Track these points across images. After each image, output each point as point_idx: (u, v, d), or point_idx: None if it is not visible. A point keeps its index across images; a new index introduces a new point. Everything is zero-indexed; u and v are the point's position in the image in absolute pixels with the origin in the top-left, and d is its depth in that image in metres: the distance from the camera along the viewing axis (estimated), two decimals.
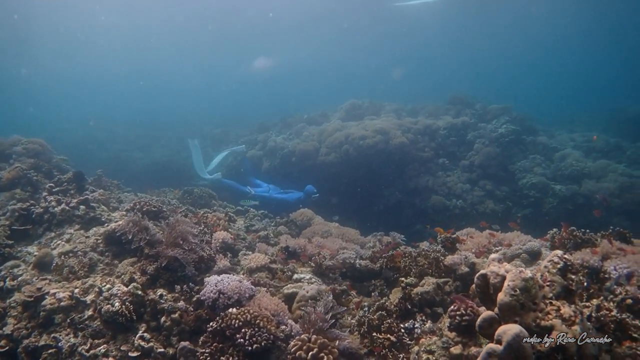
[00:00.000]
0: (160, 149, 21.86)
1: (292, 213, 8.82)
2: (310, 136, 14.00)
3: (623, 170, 11.95)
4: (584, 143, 14.45)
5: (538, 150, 12.96)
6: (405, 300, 4.34)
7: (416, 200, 11.92)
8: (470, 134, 13.29)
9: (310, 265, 5.81)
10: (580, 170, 11.72)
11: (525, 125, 13.79)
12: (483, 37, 41.40)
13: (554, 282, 2.69)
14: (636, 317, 3.36)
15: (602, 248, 4.33)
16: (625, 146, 14.26)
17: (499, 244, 4.95)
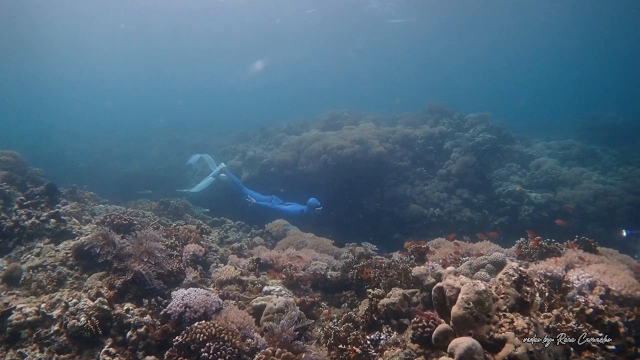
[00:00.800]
0: (140, 159, 21.71)
1: (268, 224, 8.81)
2: (290, 146, 13.99)
3: (597, 178, 12.13)
4: (560, 151, 14.64)
5: (514, 158, 13.10)
6: (371, 312, 4.34)
7: (394, 209, 11.96)
8: (447, 142, 13.39)
9: (281, 277, 5.80)
10: (555, 178, 11.86)
11: (502, 133, 13.92)
12: (463, 48, 41.82)
13: (508, 294, 2.71)
14: (596, 327, 3.41)
15: (567, 257, 4.38)
16: (599, 153, 14.49)
17: (467, 254, 4.99)
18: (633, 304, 3.84)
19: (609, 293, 3.86)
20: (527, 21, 32.42)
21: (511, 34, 36.14)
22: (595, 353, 3.17)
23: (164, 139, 23.17)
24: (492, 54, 43.74)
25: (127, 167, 20.96)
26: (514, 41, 38.86)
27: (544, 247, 4.62)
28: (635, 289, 3.84)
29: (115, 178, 20.20)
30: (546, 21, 31.97)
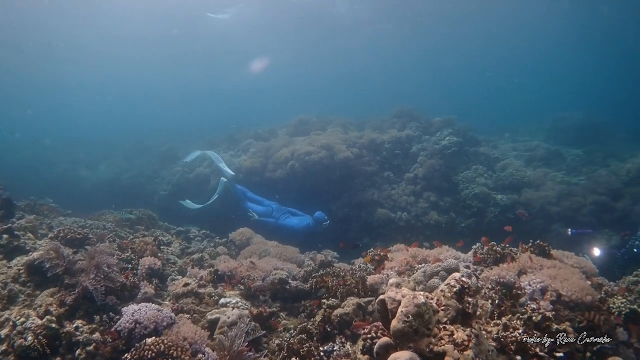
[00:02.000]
0: (107, 167, 21.33)
1: (232, 233, 8.68)
2: (258, 152, 13.87)
3: (562, 179, 12.30)
4: (526, 152, 14.83)
5: (481, 161, 13.21)
6: (324, 323, 4.28)
7: (363, 214, 11.93)
8: (415, 146, 13.43)
9: (240, 288, 5.70)
10: (520, 180, 11.99)
11: (468, 136, 14.04)
12: (433, 52, 42.21)
13: (449, 306, 2.67)
14: (544, 334, 3.39)
15: (520, 263, 4.38)
16: (565, 154, 14.69)
17: (424, 261, 4.96)
18: (584, 309, 3.84)
19: (561, 298, 3.86)
20: (496, 27, 32.88)
21: (482, 38, 36.59)
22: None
23: (132, 147, 22.81)
24: (462, 58, 44.22)
25: (95, 177, 20.59)
26: (484, 45, 39.31)
27: (498, 252, 4.61)
28: (585, 294, 3.85)
29: (83, 187, 19.86)
30: (514, 26, 32.44)
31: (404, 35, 34.76)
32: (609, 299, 4.35)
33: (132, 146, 22.98)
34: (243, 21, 31.40)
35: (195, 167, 14.75)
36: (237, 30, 33.32)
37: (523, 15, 30.39)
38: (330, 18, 30.29)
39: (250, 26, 32.83)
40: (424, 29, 33.53)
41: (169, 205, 14.72)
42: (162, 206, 15.05)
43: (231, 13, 30.33)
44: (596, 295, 3.99)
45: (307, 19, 30.78)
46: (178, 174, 15.05)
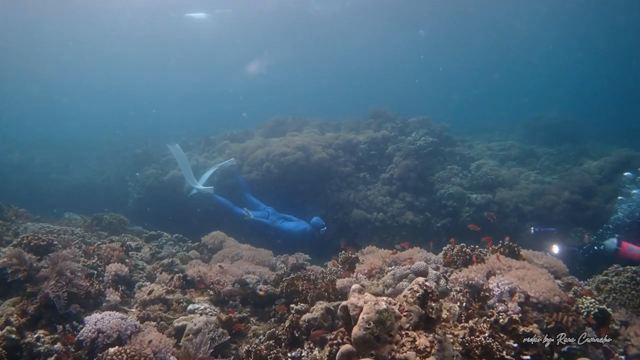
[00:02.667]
0: (80, 170, 20.96)
1: (204, 237, 8.53)
2: (233, 154, 13.72)
3: (535, 177, 12.40)
4: (500, 152, 14.93)
5: (456, 160, 13.25)
6: (292, 328, 4.19)
7: (339, 215, 11.88)
8: (390, 147, 13.41)
9: (209, 293, 5.58)
10: (494, 179, 12.06)
11: (444, 136, 14.08)
12: (411, 52, 42.48)
13: (411, 311, 2.61)
14: (511, 337, 3.35)
15: (489, 264, 4.35)
16: (539, 153, 14.86)
17: (395, 263, 4.90)
18: (552, 310, 3.82)
19: (529, 299, 3.83)
20: (469, 24, 33.18)
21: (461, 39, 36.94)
22: None
23: (106, 149, 22.46)
24: (440, 57, 44.56)
25: (67, 180, 20.20)
26: (461, 44, 39.68)
27: (467, 253, 4.57)
28: (553, 294, 3.83)
29: (55, 191, 19.48)
30: (487, 24, 32.78)
31: (385, 35, 34.91)
32: (578, 298, 4.34)
33: (106, 148, 22.61)
34: (223, 22, 31.28)
35: (169, 169, 14.53)
36: (216, 31, 33.17)
37: (499, 17, 30.75)
38: (306, 18, 30.27)
39: (229, 27, 32.71)
40: (404, 29, 33.74)
41: (143, 208, 14.51)
42: (136, 209, 14.83)
43: (210, 13, 30.17)
44: (564, 296, 3.98)
45: (285, 20, 30.75)
46: (152, 176, 14.79)
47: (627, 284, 4.77)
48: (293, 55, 42.85)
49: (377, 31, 34.52)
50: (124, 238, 7.84)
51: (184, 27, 33.06)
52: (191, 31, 33.75)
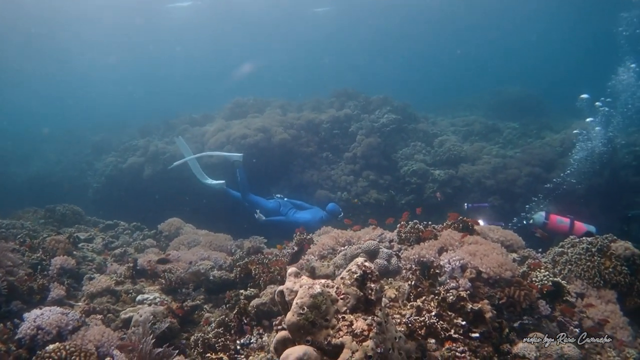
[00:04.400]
0: (39, 162, 20.29)
1: (162, 224, 8.29)
2: (193, 138, 13.42)
3: (497, 152, 12.44)
4: (464, 127, 14.94)
5: (419, 137, 13.19)
6: (240, 315, 4.04)
7: (303, 196, 11.70)
8: (353, 125, 13.26)
9: (160, 282, 5.37)
10: (457, 155, 12.04)
11: (407, 113, 13.97)
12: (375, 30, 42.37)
13: (348, 294, 2.46)
14: (459, 315, 3.25)
15: (442, 240, 4.25)
16: (502, 127, 14.91)
17: (348, 243, 4.77)
18: (504, 285, 3.74)
19: (480, 275, 3.74)
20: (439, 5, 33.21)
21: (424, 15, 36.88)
22: (457, 343, 3.01)
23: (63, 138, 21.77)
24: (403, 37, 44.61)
25: (25, 173, 19.53)
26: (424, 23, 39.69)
27: (420, 230, 4.47)
28: (504, 269, 3.74)
29: (13, 184, 18.84)
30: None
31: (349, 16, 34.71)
32: (532, 272, 4.28)
33: (64, 138, 21.92)
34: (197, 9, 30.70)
35: (127, 156, 14.13)
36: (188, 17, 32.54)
37: None
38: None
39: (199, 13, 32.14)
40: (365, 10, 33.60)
41: (104, 198, 14.12)
42: (96, 199, 14.43)
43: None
44: (516, 270, 3.90)
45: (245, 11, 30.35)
46: (111, 164, 14.37)
47: (582, 255, 4.73)
48: (256, 42, 42.49)
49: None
50: (72, 230, 7.52)
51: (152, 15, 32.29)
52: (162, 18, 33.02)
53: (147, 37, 38.16)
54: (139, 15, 31.64)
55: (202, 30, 39.07)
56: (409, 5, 34.04)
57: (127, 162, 13.86)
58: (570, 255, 4.84)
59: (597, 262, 4.62)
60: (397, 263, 4.09)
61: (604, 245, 4.74)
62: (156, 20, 33.79)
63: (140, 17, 31.92)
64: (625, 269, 4.55)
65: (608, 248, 4.72)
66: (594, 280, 4.54)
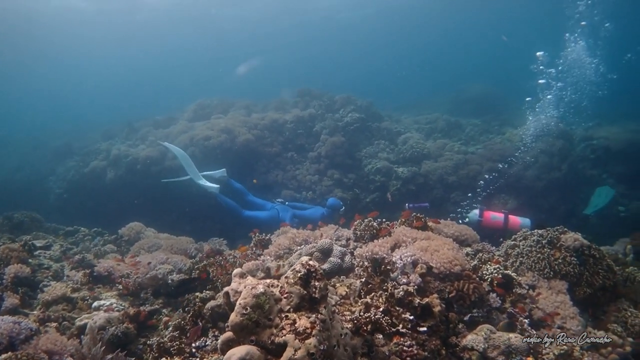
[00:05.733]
0: None
1: (122, 229, 8.18)
2: (156, 140, 13.27)
3: (459, 148, 12.63)
4: (427, 125, 15.14)
5: (383, 135, 13.33)
6: (195, 317, 4.03)
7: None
8: (317, 125, 13.31)
9: (118, 288, 5.32)
10: (420, 152, 12.19)
11: (371, 112, 14.11)
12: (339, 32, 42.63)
13: (292, 293, 2.49)
14: (408, 310, 3.31)
15: (395, 237, 4.31)
16: (464, 124, 15.16)
17: (305, 242, 4.80)
18: (453, 279, 3.83)
19: (431, 270, 3.82)
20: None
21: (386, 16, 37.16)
22: (405, 338, 3.07)
23: (24, 143, 21.22)
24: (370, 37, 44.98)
25: None
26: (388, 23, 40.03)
27: (374, 227, 4.53)
28: (454, 264, 3.83)
29: None
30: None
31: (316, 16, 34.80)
32: (483, 265, 4.39)
33: (24, 142, 21.37)
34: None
35: (90, 160, 13.88)
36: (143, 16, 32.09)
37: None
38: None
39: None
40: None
41: (66, 204, 13.84)
42: (58, 205, 14.13)
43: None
44: (465, 264, 3.99)
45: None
46: (73, 169, 14.11)
47: (533, 248, 4.86)
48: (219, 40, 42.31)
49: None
50: (27, 237, 7.36)
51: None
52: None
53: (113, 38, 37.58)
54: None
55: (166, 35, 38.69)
56: (376, 6, 34.27)
57: (89, 166, 13.61)
58: (522, 247, 4.97)
59: (547, 254, 4.74)
60: (350, 261, 4.14)
61: (554, 237, 4.87)
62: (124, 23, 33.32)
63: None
64: (575, 259, 4.69)
65: (558, 240, 4.85)
66: (544, 271, 4.67)
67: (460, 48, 50.87)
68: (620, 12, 17.10)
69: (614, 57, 17.50)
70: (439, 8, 35.03)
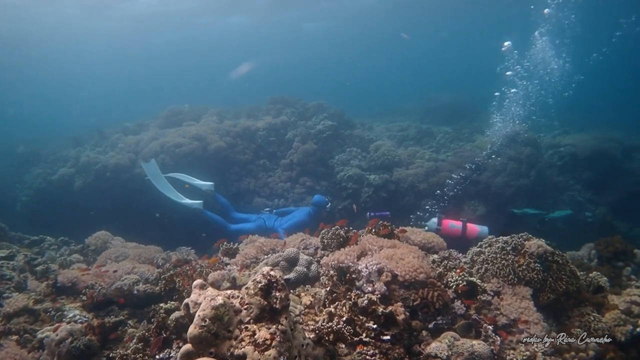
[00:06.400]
0: None
1: (89, 238, 8.02)
2: (126, 147, 13.08)
3: (430, 155, 12.75)
4: (399, 132, 15.26)
5: (355, 143, 13.37)
6: (159, 329, 3.97)
7: (240, 204, 11.64)
8: (290, 132, 13.30)
9: (82, 299, 5.21)
10: (391, 159, 12.25)
11: (343, 119, 14.15)
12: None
13: (252, 304, 2.48)
14: (371, 318, 3.32)
15: (362, 245, 4.32)
16: (435, 131, 15.33)
17: (272, 251, 4.78)
18: (418, 287, 3.85)
19: (396, 278, 3.83)
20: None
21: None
22: (368, 347, 3.08)
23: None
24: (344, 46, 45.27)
25: None
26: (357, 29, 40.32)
27: (340, 236, 4.53)
28: (418, 272, 3.85)
29: None
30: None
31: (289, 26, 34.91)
32: (448, 273, 4.43)
33: None
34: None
35: (58, 168, 13.61)
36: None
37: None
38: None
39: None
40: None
41: (33, 212, 13.53)
42: (25, 214, 13.81)
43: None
44: (430, 272, 4.02)
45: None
46: (40, 176, 13.80)
47: (498, 254, 4.92)
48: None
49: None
50: None
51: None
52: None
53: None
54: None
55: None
56: (351, 14, 34.51)
57: (57, 173, 13.35)
58: (487, 254, 5.03)
59: (511, 260, 4.81)
60: (317, 269, 4.14)
61: (518, 243, 4.95)
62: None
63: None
64: (538, 265, 4.77)
65: (522, 246, 4.93)
66: (508, 277, 4.73)
67: (434, 56, 51.55)
68: (587, 9, 17.47)
69: (581, 57, 17.97)
70: (410, 16, 35.38)
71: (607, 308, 4.98)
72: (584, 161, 13.07)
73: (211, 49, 43.96)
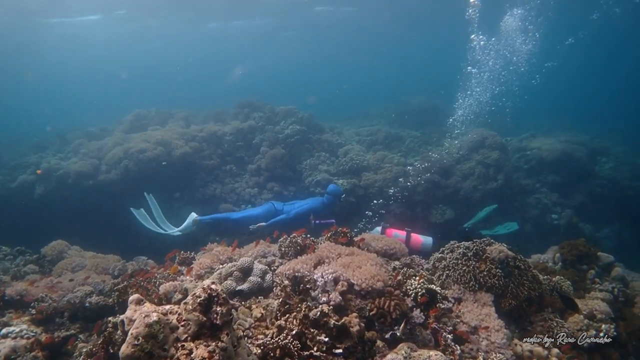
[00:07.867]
0: None
1: (45, 248, 7.72)
2: (89, 153, 12.73)
3: (398, 160, 12.71)
4: (368, 137, 15.21)
5: (324, 147, 13.27)
6: (105, 344, 3.77)
7: (206, 211, 11.39)
8: (257, 137, 13.14)
9: (31, 313, 4.97)
10: (360, 164, 12.17)
11: (312, 124, 14.03)
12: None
13: (189, 320, 2.33)
14: (323, 331, 3.20)
15: (319, 253, 4.20)
16: (404, 136, 15.33)
17: (229, 260, 4.63)
18: (375, 296, 3.75)
19: (352, 287, 3.72)
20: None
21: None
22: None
23: None
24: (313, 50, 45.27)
25: None
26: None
27: (298, 244, 4.41)
28: (375, 280, 3.75)
29: None
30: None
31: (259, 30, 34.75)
32: (407, 280, 4.33)
33: None
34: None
35: (18, 174, 13.17)
36: None
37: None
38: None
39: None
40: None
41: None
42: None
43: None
44: (388, 280, 3.92)
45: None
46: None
47: (459, 260, 4.86)
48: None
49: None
50: None
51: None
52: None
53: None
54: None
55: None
56: (322, 18, 34.49)
57: (17, 180, 12.91)
58: (448, 260, 4.96)
59: (472, 266, 4.75)
60: (272, 279, 4.00)
61: (480, 249, 4.89)
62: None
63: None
64: (499, 271, 4.72)
65: (484, 252, 4.87)
66: (469, 284, 4.67)
67: (407, 58, 51.85)
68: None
69: (552, 43, 18.09)
70: (382, 23, 35.52)
71: (570, 313, 4.96)
72: (550, 164, 13.23)
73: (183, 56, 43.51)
